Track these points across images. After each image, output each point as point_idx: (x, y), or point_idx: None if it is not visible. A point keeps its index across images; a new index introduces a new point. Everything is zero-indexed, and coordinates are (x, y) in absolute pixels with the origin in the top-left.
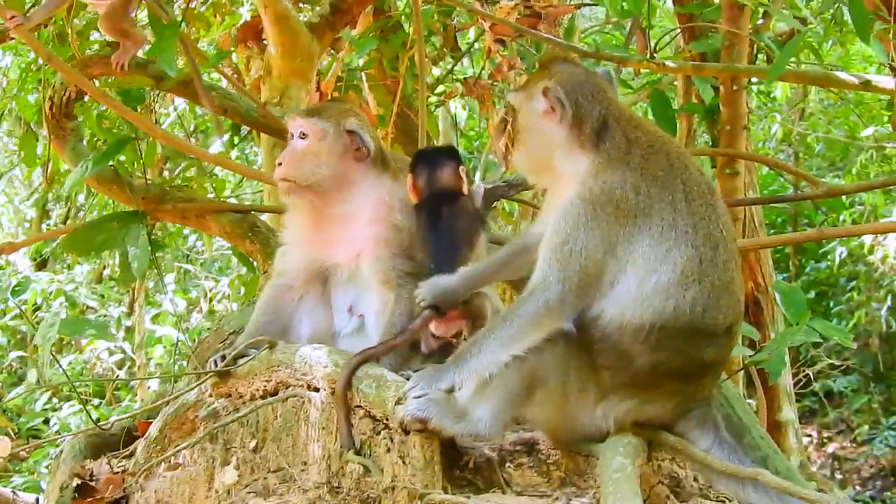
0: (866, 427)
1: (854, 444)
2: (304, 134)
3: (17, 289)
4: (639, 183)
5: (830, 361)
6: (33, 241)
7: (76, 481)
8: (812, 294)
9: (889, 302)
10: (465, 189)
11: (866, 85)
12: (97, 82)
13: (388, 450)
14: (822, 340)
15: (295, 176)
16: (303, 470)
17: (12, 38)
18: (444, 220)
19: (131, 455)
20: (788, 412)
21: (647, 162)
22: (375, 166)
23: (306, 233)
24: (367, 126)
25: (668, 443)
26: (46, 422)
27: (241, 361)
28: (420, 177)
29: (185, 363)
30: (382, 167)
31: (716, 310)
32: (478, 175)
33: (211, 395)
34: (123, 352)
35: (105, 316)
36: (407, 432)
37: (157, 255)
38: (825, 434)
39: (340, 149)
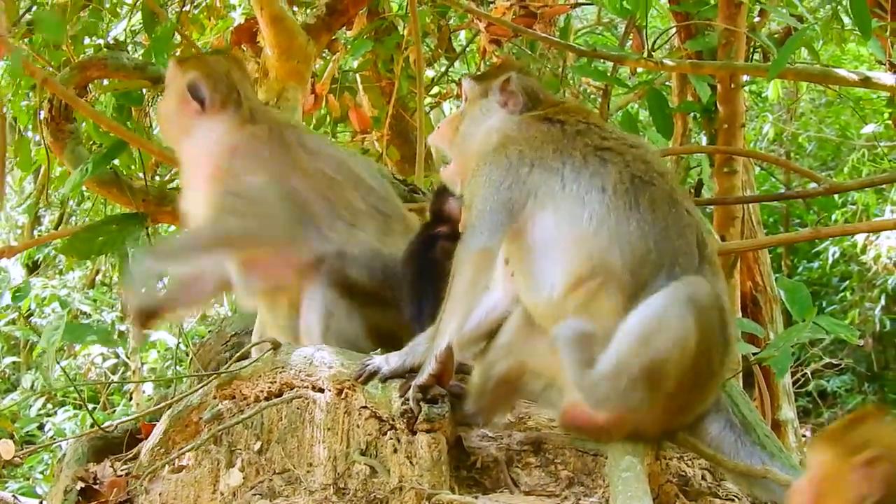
0: None
1: None
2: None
3: (18, 293)
4: None
5: (830, 360)
6: (33, 245)
7: (80, 484)
8: None
9: (882, 301)
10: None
11: (866, 81)
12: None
13: (395, 450)
14: (816, 339)
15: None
16: (308, 471)
17: None
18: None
19: (135, 458)
20: (788, 411)
21: None
22: (218, 115)
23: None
24: (209, 76)
25: (677, 439)
26: (41, 427)
27: (244, 363)
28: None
29: (180, 368)
30: (228, 115)
31: None
32: None
33: (215, 398)
34: (117, 356)
35: (99, 321)
36: (414, 432)
37: None
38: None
39: (177, 102)
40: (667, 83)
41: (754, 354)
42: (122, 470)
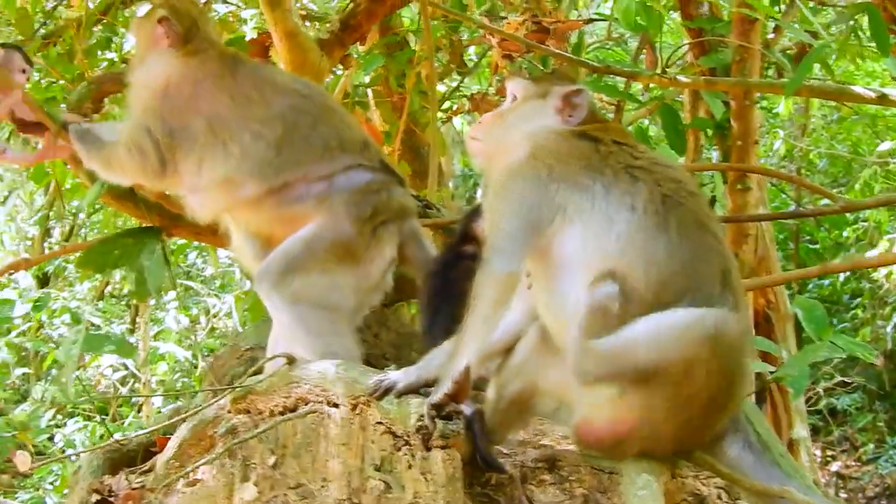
0: (871, 445)
1: (859, 463)
2: None
3: (38, 304)
4: None
5: (843, 379)
6: (49, 258)
7: (95, 497)
8: None
9: (894, 319)
10: None
11: (882, 99)
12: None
13: (410, 466)
14: (830, 357)
15: None
16: (323, 486)
17: None
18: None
19: (150, 471)
20: (801, 430)
21: None
22: (172, 48)
23: None
24: (174, 14)
25: (693, 457)
26: (51, 438)
27: (259, 377)
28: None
29: (189, 380)
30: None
31: None
32: (479, 191)
33: (230, 412)
34: (126, 368)
35: (109, 333)
36: (429, 449)
37: (170, 269)
38: (829, 452)
39: (151, 42)
40: (677, 98)
41: (770, 373)
42: (136, 483)
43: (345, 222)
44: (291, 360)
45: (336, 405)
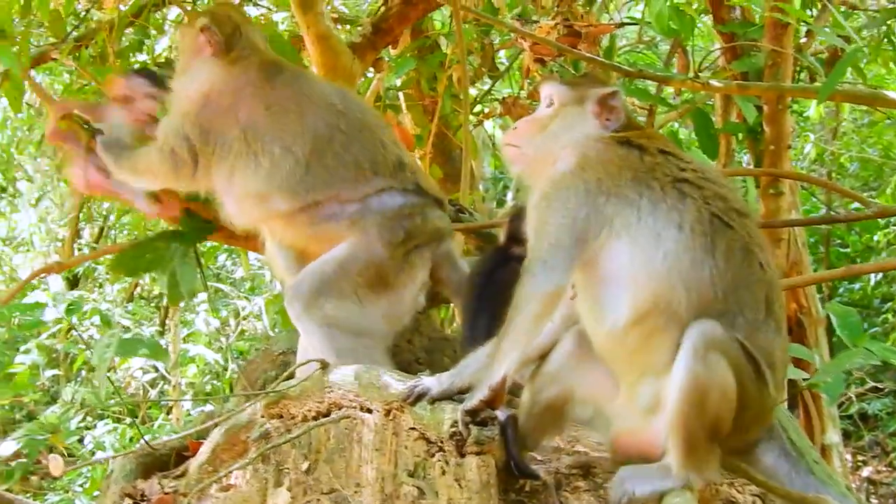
0: None
1: (889, 468)
2: None
3: (71, 308)
4: None
5: (875, 384)
6: (82, 261)
7: (127, 501)
8: None
9: None
10: None
11: None
12: None
13: (444, 472)
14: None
15: None
16: (356, 492)
17: (54, 59)
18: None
19: (182, 475)
20: (833, 435)
21: None
22: (215, 56)
23: None
24: (216, 22)
25: (728, 464)
26: (81, 440)
27: (292, 382)
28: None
29: (218, 383)
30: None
31: None
32: (510, 194)
33: (263, 416)
34: (156, 370)
35: (138, 335)
36: (463, 455)
37: (202, 273)
38: (860, 457)
39: (194, 50)
40: (708, 102)
41: (804, 380)
42: (169, 487)
43: (377, 246)
44: (325, 365)
45: (370, 411)
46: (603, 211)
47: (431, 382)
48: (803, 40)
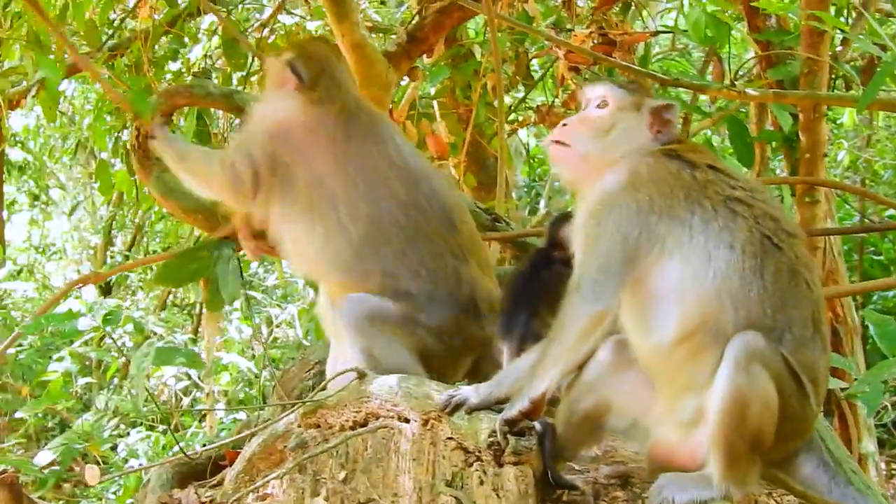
0: None
1: None
2: None
3: (108, 318)
4: None
5: None
6: (120, 271)
7: None
8: None
9: None
10: None
11: None
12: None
13: (481, 482)
14: None
15: None
16: (393, 502)
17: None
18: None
19: (219, 484)
20: (869, 444)
21: None
22: (297, 91)
23: None
24: (303, 58)
25: (766, 474)
26: (114, 448)
27: (329, 391)
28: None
29: (251, 390)
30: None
31: None
32: (542, 202)
33: (300, 426)
34: (189, 378)
35: (171, 343)
36: (501, 465)
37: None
38: (894, 466)
39: (278, 82)
40: (741, 110)
41: (842, 389)
42: (206, 496)
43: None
44: (362, 375)
45: (407, 420)
46: (655, 230)
47: (469, 392)
48: (839, 48)
